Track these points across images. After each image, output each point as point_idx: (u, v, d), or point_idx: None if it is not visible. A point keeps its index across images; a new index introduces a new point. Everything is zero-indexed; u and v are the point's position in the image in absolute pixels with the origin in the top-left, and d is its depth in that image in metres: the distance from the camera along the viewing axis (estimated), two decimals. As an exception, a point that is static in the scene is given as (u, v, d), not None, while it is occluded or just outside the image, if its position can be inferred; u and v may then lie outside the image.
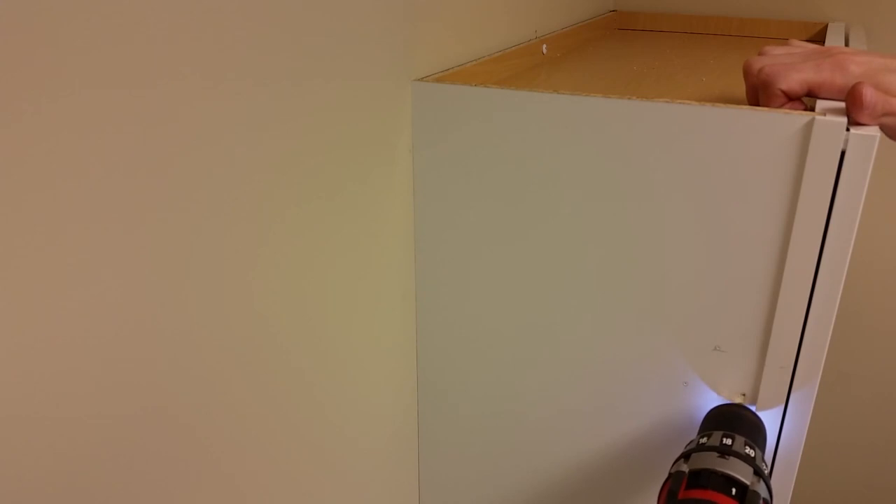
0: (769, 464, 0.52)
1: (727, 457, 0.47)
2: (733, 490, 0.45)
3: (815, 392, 0.53)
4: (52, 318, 0.33)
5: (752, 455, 0.48)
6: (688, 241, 0.54)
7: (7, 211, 0.30)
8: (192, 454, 0.43)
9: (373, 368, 0.62)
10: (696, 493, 0.46)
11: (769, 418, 0.55)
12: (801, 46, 0.57)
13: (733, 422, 0.52)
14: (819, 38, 1.02)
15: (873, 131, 0.46)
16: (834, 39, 0.90)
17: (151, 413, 0.39)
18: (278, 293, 0.48)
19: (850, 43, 0.86)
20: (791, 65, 0.52)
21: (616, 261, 0.57)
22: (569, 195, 0.56)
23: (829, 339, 0.51)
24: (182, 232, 0.39)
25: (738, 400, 0.55)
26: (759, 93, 0.54)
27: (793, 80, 0.51)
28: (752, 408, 0.55)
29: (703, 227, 0.53)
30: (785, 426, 0.54)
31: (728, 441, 0.49)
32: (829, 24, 1.02)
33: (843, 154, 0.47)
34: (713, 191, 0.52)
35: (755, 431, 0.51)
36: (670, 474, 0.48)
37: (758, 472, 0.47)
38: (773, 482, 0.56)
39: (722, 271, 0.53)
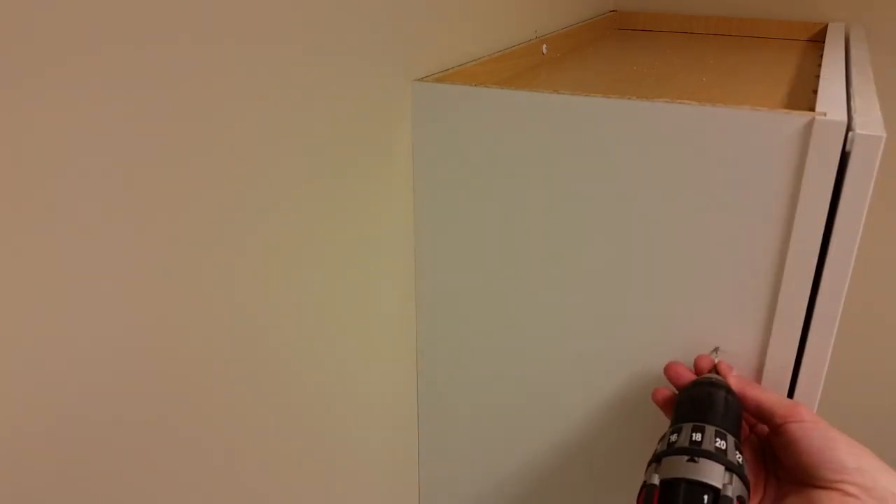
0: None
1: (697, 459, 0.46)
2: (706, 497, 0.44)
3: (818, 393, 0.53)
4: (48, 316, 0.33)
5: (724, 447, 0.47)
6: (688, 241, 0.54)
7: (5, 209, 0.30)
8: (189, 454, 0.43)
9: (373, 369, 0.61)
10: None
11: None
12: None
13: (703, 409, 0.51)
14: (819, 37, 1.02)
15: (879, 131, 0.46)
16: (834, 39, 0.89)
17: (149, 411, 0.39)
18: (278, 294, 0.48)
19: (850, 43, 0.86)
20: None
21: (615, 261, 0.57)
22: (568, 195, 0.56)
23: (832, 339, 0.51)
24: (181, 232, 0.39)
25: (712, 352, 0.55)
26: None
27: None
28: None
29: (702, 226, 0.53)
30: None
31: (697, 437, 0.47)
32: (829, 24, 1.02)
33: (847, 154, 0.47)
34: (713, 191, 0.52)
35: (726, 415, 0.50)
36: (643, 484, 0.48)
37: (730, 468, 0.46)
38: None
39: (722, 271, 0.53)
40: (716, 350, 0.55)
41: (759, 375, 0.54)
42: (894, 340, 1.18)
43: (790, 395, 0.54)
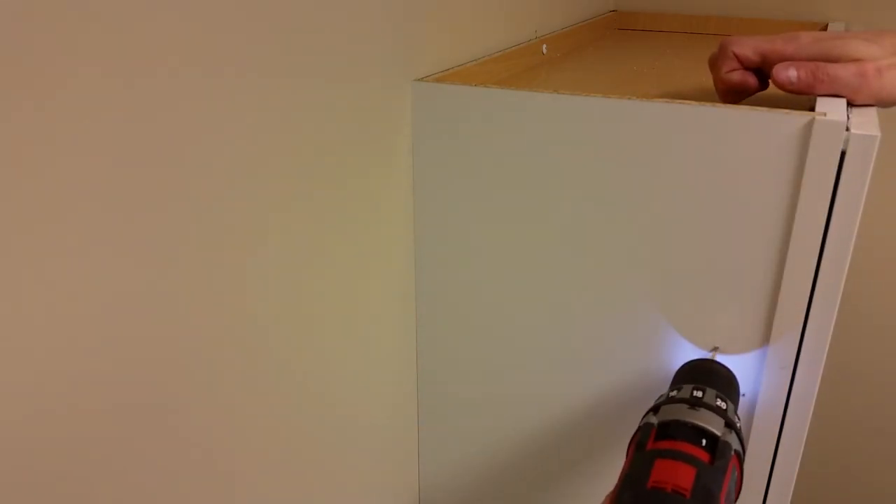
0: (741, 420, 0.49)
1: (697, 408, 0.45)
2: (703, 441, 0.43)
3: (816, 392, 0.53)
4: (43, 315, 0.33)
5: (724, 407, 0.46)
6: (687, 242, 0.54)
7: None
8: (187, 455, 0.43)
9: (372, 369, 0.62)
10: (666, 444, 0.44)
11: (769, 418, 0.55)
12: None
13: (704, 376, 0.50)
14: (819, 38, 1.02)
15: (873, 131, 0.46)
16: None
17: (146, 411, 0.39)
18: (277, 293, 0.48)
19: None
20: (749, 36, 0.57)
21: (615, 262, 0.57)
22: (568, 195, 0.56)
23: (829, 339, 0.51)
24: (180, 231, 0.39)
25: (710, 353, 0.55)
26: (715, 60, 0.59)
27: (746, 45, 0.56)
28: (725, 361, 0.54)
29: (702, 227, 0.53)
30: (785, 426, 0.54)
31: (699, 394, 0.47)
32: (829, 25, 1.02)
33: (843, 154, 0.47)
34: (713, 191, 0.52)
35: (727, 385, 0.50)
36: (639, 427, 0.47)
37: (729, 424, 0.45)
38: (773, 482, 0.56)
39: (721, 272, 0.53)
40: (716, 350, 0.56)
41: (758, 376, 0.54)
42: (891, 339, 1.18)
43: (788, 394, 0.54)
